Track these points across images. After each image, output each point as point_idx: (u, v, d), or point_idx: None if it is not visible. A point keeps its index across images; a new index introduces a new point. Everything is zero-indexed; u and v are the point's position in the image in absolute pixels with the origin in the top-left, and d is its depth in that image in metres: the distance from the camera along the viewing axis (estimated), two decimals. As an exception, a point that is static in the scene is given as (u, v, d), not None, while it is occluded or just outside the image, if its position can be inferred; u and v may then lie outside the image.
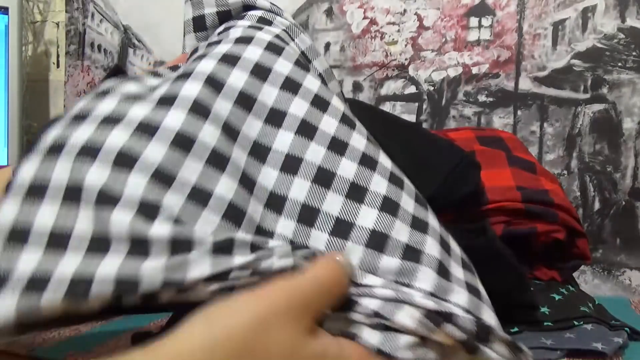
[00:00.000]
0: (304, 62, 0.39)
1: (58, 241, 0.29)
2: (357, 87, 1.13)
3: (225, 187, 0.32)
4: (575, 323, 0.62)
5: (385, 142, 0.70)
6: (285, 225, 0.33)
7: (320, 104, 0.37)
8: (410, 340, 0.31)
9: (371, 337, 0.31)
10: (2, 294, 0.28)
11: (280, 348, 0.28)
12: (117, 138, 0.32)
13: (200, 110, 0.33)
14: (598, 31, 1.03)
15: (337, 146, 0.36)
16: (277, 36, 0.39)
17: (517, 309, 0.62)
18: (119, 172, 0.30)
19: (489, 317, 0.35)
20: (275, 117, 0.36)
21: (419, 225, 0.36)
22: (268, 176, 0.34)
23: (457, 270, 0.36)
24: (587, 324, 0.62)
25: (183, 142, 0.32)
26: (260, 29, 0.39)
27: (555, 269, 0.72)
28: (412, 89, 1.11)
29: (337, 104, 0.38)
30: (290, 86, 0.37)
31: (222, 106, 0.34)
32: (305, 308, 0.30)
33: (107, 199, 0.29)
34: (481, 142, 0.82)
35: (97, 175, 0.30)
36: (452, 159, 0.70)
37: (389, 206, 0.35)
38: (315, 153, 0.35)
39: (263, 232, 0.33)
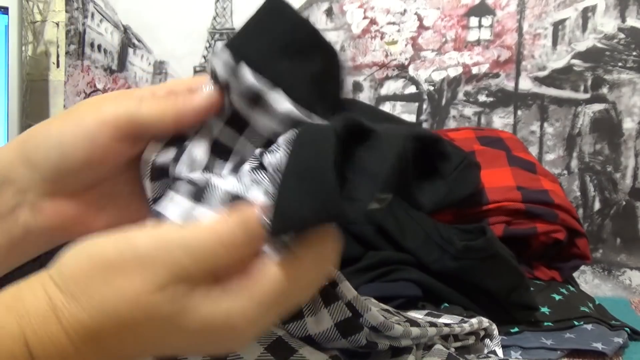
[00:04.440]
0: None
1: None
2: (357, 87, 1.13)
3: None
4: (576, 323, 0.62)
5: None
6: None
7: None
8: None
9: None
10: None
11: (120, 296, 0.27)
12: None
13: None
14: (598, 31, 1.03)
15: None
16: None
17: (517, 309, 0.62)
18: None
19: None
20: None
21: None
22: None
23: None
24: (587, 324, 0.62)
25: None
26: None
27: (555, 269, 0.72)
28: (412, 89, 1.11)
29: None
30: None
31: None
32: (167, 266, 0.28)
33: None
34: (481, 142, 0.82)
35: None
36: (452, 160, 0.70)
37: None
38: None
39: None
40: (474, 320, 0.52)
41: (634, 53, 1.02)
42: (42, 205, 0.34)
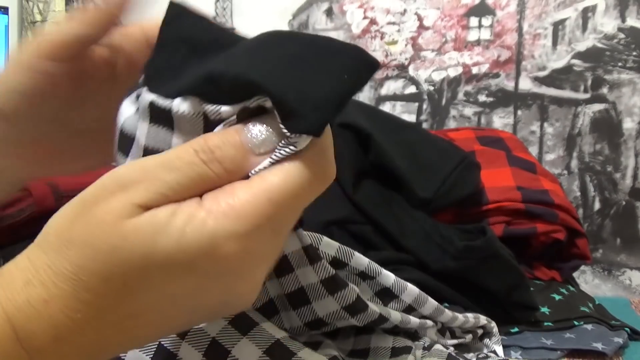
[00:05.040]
0: None
1: None
2: (357, 87, 1.13)
3: None
4: (575, 323, 0.62)
5: (386, 143, 0.70)
6: None
7: None
8: None
9: None
10: None
11: (100, 228, 0.24)
12: None
13: None
14: (598, 31, 1.03)
15: None
16: None
17: (517, 309, 0.62)
18: None
19: None
20: None
21: None
22: None
23: None
24: (587, 324, 0.62)
25: None
26: None
27: (555, 269, 0.72)
28: (412, 89, 1.11)
29: None
30: None
31: None
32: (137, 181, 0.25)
33: None
34: (481, 142, 0.82)
35: None
36: (452, 160, 0.70)
37: None
38: None
39: None
40: (470, 315, 0.51)
41: (634, 53, 1.02)
42: (17, 152, 0.35)
